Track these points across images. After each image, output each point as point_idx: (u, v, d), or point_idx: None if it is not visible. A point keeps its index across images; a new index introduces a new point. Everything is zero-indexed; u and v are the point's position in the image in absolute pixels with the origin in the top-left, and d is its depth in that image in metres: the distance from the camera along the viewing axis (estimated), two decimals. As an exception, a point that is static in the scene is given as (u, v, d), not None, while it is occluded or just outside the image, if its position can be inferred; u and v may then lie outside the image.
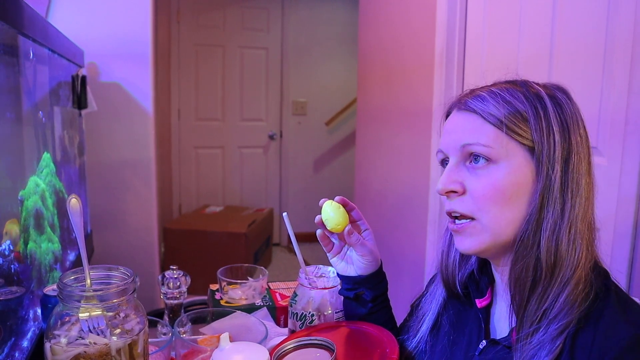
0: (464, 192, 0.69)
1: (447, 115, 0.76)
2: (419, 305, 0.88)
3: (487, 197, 0.67)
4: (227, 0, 4.06)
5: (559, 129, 0.66)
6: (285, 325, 1.07)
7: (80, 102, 1.95)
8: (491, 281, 0.78)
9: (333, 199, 0.88)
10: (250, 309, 1.08)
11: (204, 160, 4.16)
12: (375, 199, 2.65)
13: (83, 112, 2.02)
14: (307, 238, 5.13)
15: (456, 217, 0.71)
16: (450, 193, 0.70)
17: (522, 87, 0.70)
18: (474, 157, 0.68)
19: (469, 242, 0.70)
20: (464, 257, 0.79)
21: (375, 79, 2.62)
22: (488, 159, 0.67)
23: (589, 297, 0.63)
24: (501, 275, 0.74)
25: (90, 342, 0.64)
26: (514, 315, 0.68)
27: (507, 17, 1.64)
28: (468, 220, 0.69)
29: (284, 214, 0.95)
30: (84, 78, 1.97)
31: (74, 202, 0.68)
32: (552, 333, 0.62)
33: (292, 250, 4.06)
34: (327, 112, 4.33)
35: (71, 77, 1.84)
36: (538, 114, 0.66)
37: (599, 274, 0.67)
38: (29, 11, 1.01)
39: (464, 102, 0.71)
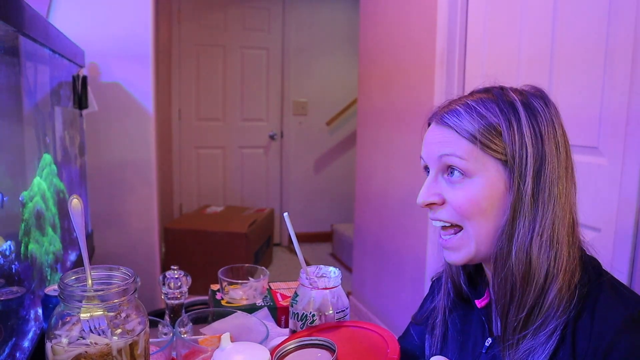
0: (443, 203, 0.71)
1: (428, 125, 0.77)
2: (424, 318, 0.88)
3: (464, 209, 0.69)
4: (228, 1, 4.06)
5: (531, 141, 0.67)
6: (286, 326, 1.07)
7: (81, 102, 1.95)
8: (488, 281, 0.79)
9: None
10: (251, 309, 1.08)
11: (205, 160, 4.17)
12: (376, 199, 2.65)
13: (84, 112, 2.03)
14: (308, 238, 5.13)
15: (442, 227, 0.73)
16: (431, 205, 0.72)
17: (497, 98, 0.70)
18: (451, 169, 0.70)
19: (457, 254, 0.72)
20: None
21: (376, 79, 2.62)
22: (463, 172, 0.69)
23: (575, 295, 0.65)
24: (489, 278, 0.76)
25: (91, 342, 0.64)
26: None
27: (508, 17, 1.64)
28: (454, 231, 0.72)
29: (285, 214, 0.95)
30: (84, 78, 1.97)
31: (75, 203, 0.68)
32: (541, 338, 0.64)
33: (292, 251, 4.06)
34: (328, 112, 4.33)
35: (72, 77, 1.84)
36: (511, 126, 0.67)
37: (589, 265, 0.68)
38: (30, 11, 1.01)
39: (440, 116, 0.72)
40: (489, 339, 0.75)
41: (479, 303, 0.78)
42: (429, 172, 0.75)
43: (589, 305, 0.64)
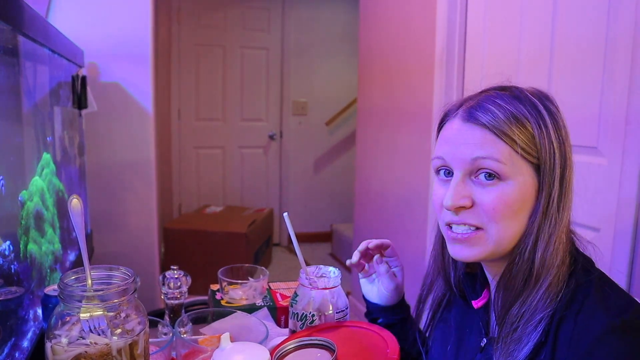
0: (472, 206, 0.68)
1: (442, 121, 0.74)
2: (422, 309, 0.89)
3: (497, 210, 0.66)
4: (228, 1, 4.06)
5: (558, 145, 0.67)
6: (286, 326, 1.07)
7: (80, 102, 1.95)
8: (487, 281, 0.79)
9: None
10: (250, 309, 1.08)
11: (204, 160, 4.16)
12: (375, 199, 2.65)
13: (83, 112, 2.03)
14: (308, 238, 5.13)
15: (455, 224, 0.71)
16: (458, 208, 0.69)
17: (520, 98, 0.68)
18: (483, 172, 0.67)
19: (470, 251, 0.70)
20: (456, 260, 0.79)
21: (376, 79, 2.62)
22: (498, 176, 0.66)
23: (562, 290, 0.65)
24: (492, 277, 0.76)
25: (91, 342, 0.64)
26: None
27: (508, 16, 1.64)
28: (473, 230, 0.69)
29: (285, 214, 0.95)
30: (84, 78, 1.97)
31: (75, 203, 0.68)
32: (528, 328, 0.65)
33: (292, 251, 4.06)
34: (328, 112, 4.33)
35: (71, 77, 1.84)
36: (542, 131, 0.66)
37: (581, 264, 0.68)
38: (29, 11, 1.01)
39: (472, 114, 0.68)
40: (484, 339, 0.75)
41: (476, 303, 0.78)
42: (445, 173, 0.71)
43: (574, 308, 0.63)
